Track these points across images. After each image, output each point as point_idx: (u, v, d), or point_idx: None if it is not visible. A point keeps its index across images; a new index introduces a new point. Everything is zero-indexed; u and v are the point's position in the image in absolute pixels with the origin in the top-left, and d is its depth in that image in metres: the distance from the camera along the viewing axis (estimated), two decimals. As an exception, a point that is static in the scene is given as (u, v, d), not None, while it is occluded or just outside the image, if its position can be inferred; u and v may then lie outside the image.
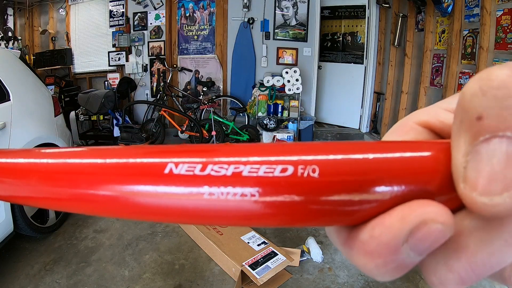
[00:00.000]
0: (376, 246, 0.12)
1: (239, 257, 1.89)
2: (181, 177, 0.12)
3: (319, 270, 2.00)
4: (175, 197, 0.12)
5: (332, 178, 0.12)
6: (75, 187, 0.13)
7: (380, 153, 0.12)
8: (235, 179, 0.12)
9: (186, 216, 0.12)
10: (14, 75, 2.24)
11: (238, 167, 0.12)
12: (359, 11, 4.70)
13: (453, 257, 0.12)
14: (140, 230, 2.40)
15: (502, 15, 2.54)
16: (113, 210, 0.13)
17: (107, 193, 0.13)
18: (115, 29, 4.83)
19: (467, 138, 0.11)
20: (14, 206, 1.98)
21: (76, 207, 0.14)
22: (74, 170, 0.13)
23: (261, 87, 4.34)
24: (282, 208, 0.12)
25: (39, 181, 0.14)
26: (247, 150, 0.12)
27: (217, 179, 0.12)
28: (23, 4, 5.01)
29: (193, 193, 0.12)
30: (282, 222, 0.12)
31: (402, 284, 1.89)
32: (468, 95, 0.11)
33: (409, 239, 0.11)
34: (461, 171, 0.11)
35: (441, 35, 3.48)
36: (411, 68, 4.01)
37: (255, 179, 0.12)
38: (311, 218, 0.12)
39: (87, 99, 4.07)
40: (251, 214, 0.12)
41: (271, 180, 0.12)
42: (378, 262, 0.12)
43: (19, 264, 2.02)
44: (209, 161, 0.12)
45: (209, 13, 4.62)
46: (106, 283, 1.87)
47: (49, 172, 0.14)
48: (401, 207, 0.12)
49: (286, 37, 4.54)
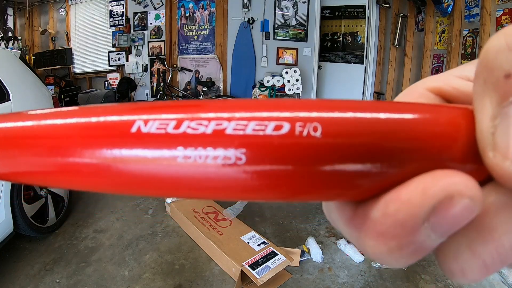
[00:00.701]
0: (391, 226, 0.10)
1: (239, 257, 1.89)
2: (150, 136, 0.10)
3: (319, 270, 2.00)
4: (143, 162, 0.10)
5: (337, 139, 0.09)
6: (23, 155, 0.11)
7: (395, 113, 0.10)
8: (217, 138, 0.09)
9: (156, 186, 0.10)
10: (14, 75, 2.24)
11: (221, 123, 0.09)
12: (359, 11, 4.70)
13: (478, 240, 0.10)
14: (140, 230, 2.40)
15: (502, 15, 2.54)
16: (70, 180, 0.11)
17: (63, 159, 0.10)
18: (115, 29, 4.84)
19: (494, 99, 0.09)
20: (14, 206, 1.98)
21: (27, 178, 0.11)
22: (24, 134, 0.11)
23: (261, 87, 4.34)
24: (274, 177, 0.09)
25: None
26: (233, 105, 0.10)
27: (194, 138, 0.09)
28: (23, 4, 5.01)
29: (165, 156, 0.09)
30: (273, 194, 0.10)
31: (402, 284, 1.89)
32: (492, 51, 0.09)
33: (431, 217, 0.09)
34: (489, 137, 0.09)
35: (441, 35, 3.48)
36: (411, 68, 4.01)
37: (241, 138, 0.09)
38: (311, 190, 0.10)
39: (87, 99, 4.07)
40: (236, 184, 0.10)
41: (261, 139, 0.09)
42: (392, 245, 0.10)
43: (19, 264, 2.02)
44: (185, 117, 0.10)
45: (209, 13, 4.62)
46: (106, 283, 1.87)
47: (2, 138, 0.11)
48: (420, 177, 0.10)
49: (286, 37, 4.54)
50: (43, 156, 0.11)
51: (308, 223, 2.54)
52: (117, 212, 2.68)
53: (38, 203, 2.23)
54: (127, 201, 2.87)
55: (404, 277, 1.94)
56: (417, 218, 0.09)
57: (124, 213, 2.66)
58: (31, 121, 0.11)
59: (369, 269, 2.01)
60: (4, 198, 1.90)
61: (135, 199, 2.88)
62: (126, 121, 0.10)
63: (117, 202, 2.85)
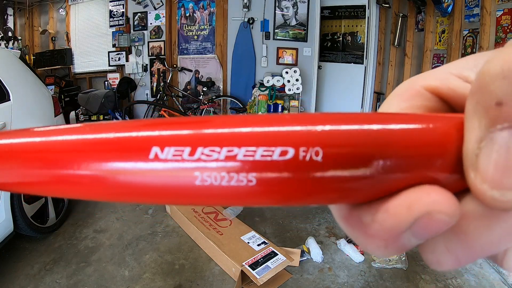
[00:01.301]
0: (379, 231, 0.12)
1: (239, 257, 1.89)
2: (168, 161, 0.11)
3: (319, 270, 2.00)
4: (164, 181, 0.11)
5: (336, 162, 0.11)
6: (53, 168, 0.12)
7: (388, 135, 0.11)
8: (229, 164, 0.11)
9: (176, 199, 0.12)
10: (14, 75, 2.24)
11: (232, 150, 0.11)
12: (359, 11, 4.70)
13: (453, 240, 0.12)
14: (140, 230, 2.40)
15: (502, 15, 2.54)
16: (99, 192, 0.12)
17: (91, 172, 0.11)
18: (115, 29, 4.83)
19: (483, 123, 0.10)
20: (14, 206, 1.98)
21: (56, 190, 0.12)
22: (53, 148, 0.12)
23: (261, 87, 4.34)
24: (281, 192, 0.11)
25: (15, 164, 0.12)
26: (240, 124, 0.11)
27: (209, 163, 0.11)
28: (23, 4, 5.01)
29: (184, 178, 0.11)
30: (279, 202, 0.12)
31: (402, 284, 1.89)
32: (488, 76, 0.10)
33: (413, 227, 0.11)
34: (473, 158, 0.10)
35: (441, 35, 3.48)
36: (411, 68, 4.01)
37: (251, 163, 0.10)
38: (310, 199, 0.12)
39: (87, 99, 4.07)
40: (248, 198, 0.11)
41: (269, 164, 0.11)
42: (379, 244, 0.12)
43: (19, 264, 2.02)
44: (198, 143, 0.11)
45: (209, 13, 4.62)
46: (106, 283, 1.87)
47: (26, 152, 0.12)
48: (406, 193, 0.11)
49: (286, 37, 4.54)
50: (75, 169, 0.12)
51: (308, 223, 2.54)
52: (117, 212, 2.68)
53: (38, 203, 2.23)
54: (127, 201, 2.87)
55: (404, 277, 1.94)
56: (401, 227, 0.11)
57: (124, 213, 2.66)
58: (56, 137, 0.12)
59: (369, 269, 2.01)
60: (4, 198, 1.90)
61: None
62: (142, 146, 0.11)
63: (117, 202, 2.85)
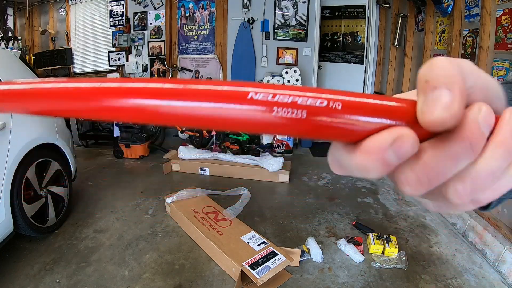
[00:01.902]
0: (372, 146, 0.18)
1: (239, 257, 1.89)
2: (259, 101, 0.18)
3: (319, 270, 2.00)
4: (254, 113, 0.18)
5: (349, 110, 0.19)
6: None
7: (380, 100, 0.19)
8: (293, 104, 0.18)
9: (258, 126, 0.19)
10: (14, 75, 2.25)
11: (295, 98, 0.18)
12: (359, 11, 4.70)
13: (415, 162, 0.18)
14: (140, 230, 2.41)
15: (502, 15, 2.54)
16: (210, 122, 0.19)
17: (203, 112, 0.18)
18: (115, 29, 4.83)
19: (421, 94, 0.18)
20: (14, 206, 1.98)
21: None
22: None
23: (261, 87, 4.34)
24: (316, 123, 0.19)
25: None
26: (301, 89, 0.19)
27: (282, 103, 0.18)
28: (23, 4, 5.01)
29: (267, 111, 0.18)
30: (312, 133, 0.19)
31: (402, 284, 1.89)
32: (420, 73, 0.19)
33: (392, 144, 0.18)
34: (419, 109, 0.18)
35: (441, 35, 3.48)
36: (411, 68, 4.01)
37: (304, 106, 0.18)
38: (334, 132, 0.19)
39: (87, 99, 4.07)
40: (300, 126, 0.19)
41: (314, 107, 0.18)
42: (373, 157, 0.18)
43: (19, 264, 2.02)
44: (276, 92, 0.18)
45: (209, 13, 4.62)
46: (106, 283, 1.87)
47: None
48: (389, 129, 0.19)
49: (286, 37, 4.54)
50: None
51: (308, 223, 2.54)
52: (117, 212, 2.68)
53: (38, 203, 2.23)
54: (127, 201, 2.87)
55: (404, 277, 1.94)
56: (386, 143, 0.18)
57: (124, 213, 2.66)
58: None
59: (369, 269, 2.01)
60: (4, 198, 1.90)
61: (135, 200, 2.89)
62: (243, 91, 0.18)
63: (117, 202, 2.85)
